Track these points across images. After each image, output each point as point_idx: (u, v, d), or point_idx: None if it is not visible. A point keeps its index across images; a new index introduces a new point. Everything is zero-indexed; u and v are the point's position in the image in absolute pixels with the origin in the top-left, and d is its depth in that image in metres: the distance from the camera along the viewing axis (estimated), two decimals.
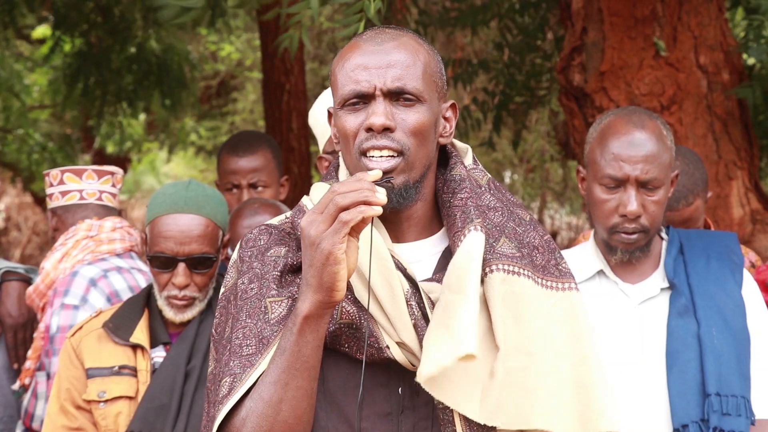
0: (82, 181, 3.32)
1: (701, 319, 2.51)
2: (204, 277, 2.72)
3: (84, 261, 3.15)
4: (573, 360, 1.80)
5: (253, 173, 3.59)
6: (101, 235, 3.22)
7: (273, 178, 3.64)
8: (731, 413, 2.42)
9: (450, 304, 1.71)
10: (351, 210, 1.61)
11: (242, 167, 3.60)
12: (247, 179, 3.58)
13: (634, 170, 2.50)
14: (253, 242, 1.88)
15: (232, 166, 3.61)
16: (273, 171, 3.65)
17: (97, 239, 3.20)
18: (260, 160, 3.61)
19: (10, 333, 3.19)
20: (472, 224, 1.78)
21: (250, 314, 1.78)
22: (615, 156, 2.51)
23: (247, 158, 3.60)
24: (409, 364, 1.77)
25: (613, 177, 2.51)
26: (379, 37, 1.83)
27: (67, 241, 3.21)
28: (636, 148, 2.50)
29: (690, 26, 4.29)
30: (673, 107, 4.24)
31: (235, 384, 1.73)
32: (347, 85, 1.80)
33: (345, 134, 1.81)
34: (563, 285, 1.86)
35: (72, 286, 3.04)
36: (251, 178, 3.58)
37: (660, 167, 2.51)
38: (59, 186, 3.33)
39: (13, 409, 3.26)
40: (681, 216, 3.09)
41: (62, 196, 3.32)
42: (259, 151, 3.63)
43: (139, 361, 2.70)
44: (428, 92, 1.81)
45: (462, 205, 1.82)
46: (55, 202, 3.34)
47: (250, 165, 3.60)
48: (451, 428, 1.75)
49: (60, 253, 3.19)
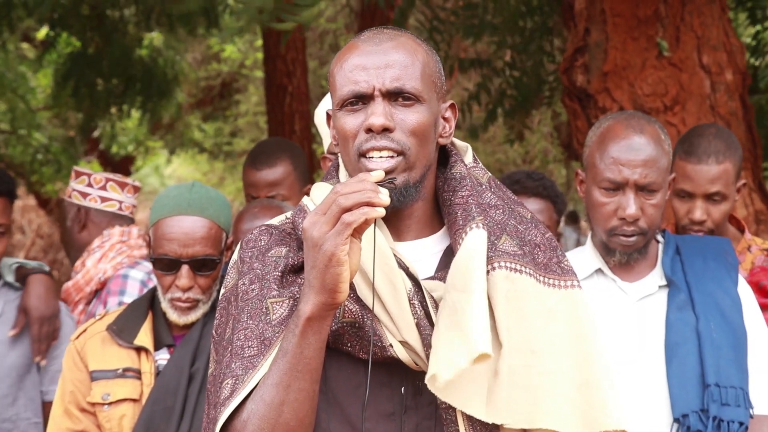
0: (122, 193, 3.72)
1: (700, 314, 2.55)
2: (207, 279, 2.72)
3: (123, 264, 3.51)
4: (576, 358, 1.80)
5: (270, 187, 3.55)
6: (131, 240, 3.61)
7: (294, 190, 3.58)
8: (730, 403, 2.46)
9: (457, 303, 1.70)
10: (354, 211, 1.60)
11: (260, 180, 3.57)
12: (265, 192, 3.55)
13: (633, 174, 2.53)
14: (254, 243, 1.87)
15: (251, 178, 3.60)
16: (293, 183, 3.59)
17: (128, 244, 3.59)
18: (279, 173, 3.57)
19: (36, 325, 3.22)
20: (474, 222, 1.78)
21: (252, 315, 1.77)
22: (614, 160, 2.55)
23: (266, 171, 3.57)
24: (412, 363, 1.77)
25: (612, 180, 2.55)
26: (377, 37, 1.82)
27: (104, 244, 3.58)
28: (635, 153, 2.54)
29: (693, 26, 4.29)
30: (676, 107, 4.24)
31: (237, 386, 1.72)
32: (346, 86, 1.79)
33: (344, 135, 1.80)
34: (565, 283, 1.85)
35: (127, 287, 3.38)
36: (269, 192, 3.54)
37: (658, 171, 2.55)
38: (101, 191, 3.67)
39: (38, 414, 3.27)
40: (708, 175, 2.98)
41: (102, 201, 3.68)
42: (278, 164, 3.58)
43: (143, 363, 2.70)
44: (427, 92, 1.81)
45: (463, 203, 1.82)
46: (92, 203, 3.67)
47: (268, 178, 3.56)
48: (454, 428, 1.75)
49: (99, 254, 3.56)
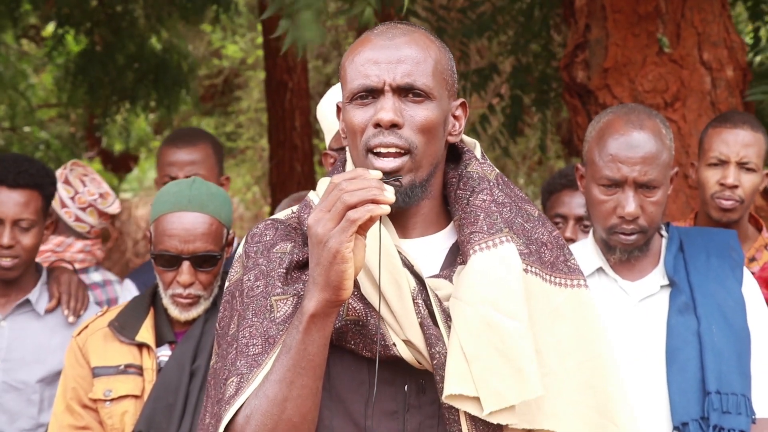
0: (98, 219, 3.77)
1: (701, 317, 2.50)
2: (208, 275, 2.73)
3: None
4: (581, 359, 1.79)
5: (191, 166, 3.50)
6: (66, 254, 3.72)
7: (213, 173, 3.53)
8: (731, 411, 2.41)
9: (504, 330, 1.68)
10: (359, 208, 1.59)
11: (180, 159, 3.51)
12: (185, 172, 3.47)
13: (632, 171, 2.48)
14: (259, 237, 1.86)
15: (170, 158, 3.53)
16: (213, 166, 3.56)
17: (61, 255, 3.68)
18: (199, 154, 3.53)
19: (65, 285, 3.23)
20: (502, 233, 1.76)
21: (256, 313, 1.77)
22: (613, 157, 2.49)
23: (187, 150, 3.52)
24: (415, 361, 1.76)
25: (610, 178, 2.50)
26: (391, 32, 1.81)
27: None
28: (634, 149, 2.48)
29: (693, 22, 4.29)
30: (677, 104, 4.24)
31: (242, 384, 1.72)
32: (356, 80, 1.78)
33: (353, 129, 1.79)
34: (572, 282, 1.84)
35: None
36: (189, 171, 3.47)
37: (659, 167, 2.49)
38: (79, 211, 3.77)
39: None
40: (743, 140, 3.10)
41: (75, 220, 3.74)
42: (199, 145, 3.55)
43: (145, 359, 2.71)
44: (438, 89, 1.79)
45: (485, 207, 1.79)
46: (66, 217, 3.72)
47: (189, 158, 3.51)
48: (456, 427, 1.74)
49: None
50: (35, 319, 3.19)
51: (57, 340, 3.15)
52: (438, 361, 1.72)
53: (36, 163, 3.20)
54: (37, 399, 3.12)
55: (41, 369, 3.13)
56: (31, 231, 3.10)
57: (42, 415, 3.11)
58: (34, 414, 3.12)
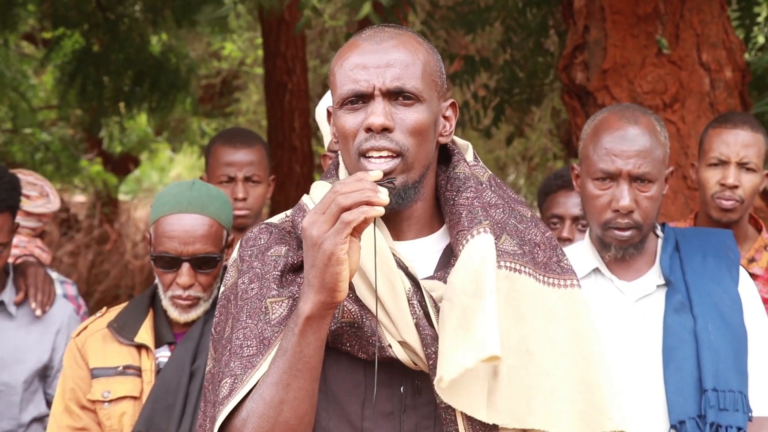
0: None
1: (698, 316, 2.51)
2: (208, 277, 2.73)
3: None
4: (575, 358, 1.79)
5: (249, 166, 3.51)
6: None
7: (266, 174, 3.57)
8: (728, 408, 2.42)
9: (468, 307, 1.69)
10: (353, 210, 1.60)
11: (239, 160, 3.51)
12: (243, 172, 3.50)
13: (627, 164, 2.50)
14: (254, 241, 1.87)
15: (227, 158, 3.52)
16: (266, 167, 3.59)
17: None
18: (256, 155, 3.54)
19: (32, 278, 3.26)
20: (481, 225, 1.77)
21: (251, 315, 1.77)
22: (607, 150, 2.52)
23: (245, 151, 3.53)
24: (411, 363, 1.77)
25: (605, 171, 2.51)
26: (378, 35, 1.81)
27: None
28: (628, 143, 2.51)
29: (692, 24, 4.30)
30: (676, 105, 4.25)
31: (236, 385, 1.73)
32: (346, 85, 1.78)
33: (344, 134, 1.80)
34: (565, 282, 1.85)
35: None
36: (247, 172, 3.50)
37: (653, 162, 2.51)
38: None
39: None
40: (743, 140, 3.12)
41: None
42: (256, 146, 3.57)
43: (144, 361, 2.71)
44: (428, 91, 1.80)
45: (468, 204, 1.81)
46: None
47: (248, 158, 3.52)
48: (453, 427, 1.75)
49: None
50: (8, 319, 3.25)
51: (33, 337, 3.20)
52: (434, 362, 1.73)
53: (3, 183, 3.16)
54: (17, 400, 3.15)
55: (23, 369, 3.18)
56: (4, 253, 3.17)
57: (23, 415, 3.14)
58: (16, 414, 3.16)
